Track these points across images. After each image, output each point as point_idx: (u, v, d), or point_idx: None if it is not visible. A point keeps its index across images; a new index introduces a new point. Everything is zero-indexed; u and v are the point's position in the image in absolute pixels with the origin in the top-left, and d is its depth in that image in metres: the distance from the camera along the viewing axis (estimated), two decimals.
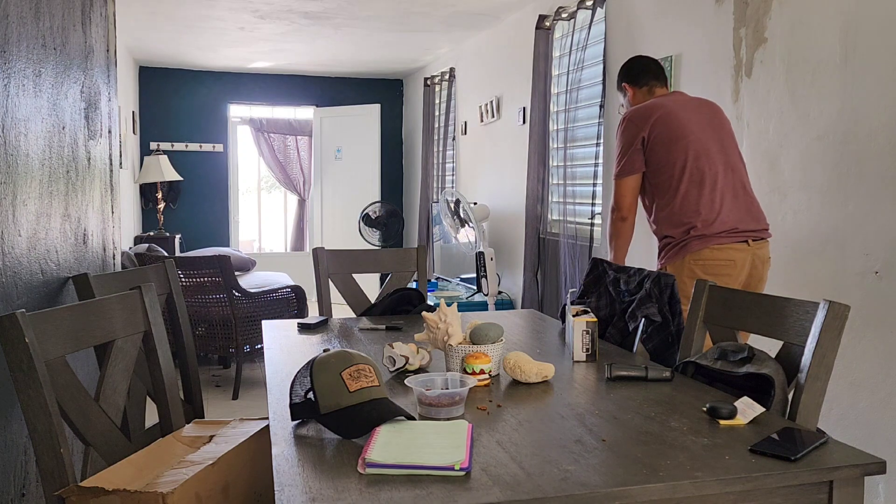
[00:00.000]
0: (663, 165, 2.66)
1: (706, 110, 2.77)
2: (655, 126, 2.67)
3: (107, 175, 2.97)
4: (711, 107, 2.81)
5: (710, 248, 2.54)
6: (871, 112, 2.44)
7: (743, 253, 2.55)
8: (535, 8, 4.83)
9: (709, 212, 2.56)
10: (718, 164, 2.62)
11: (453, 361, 1.85)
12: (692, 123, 2.67)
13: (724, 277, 2.51)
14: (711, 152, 2.63)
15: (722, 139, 2.70)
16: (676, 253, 2.61)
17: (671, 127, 2.66)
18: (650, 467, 1.25)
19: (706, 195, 2.58)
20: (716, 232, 2.55)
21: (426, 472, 1.22)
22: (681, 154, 2.63)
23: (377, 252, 3.25)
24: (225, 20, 5.49)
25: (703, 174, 2.60)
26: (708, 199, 2.58)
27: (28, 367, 1.48)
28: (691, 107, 2.75)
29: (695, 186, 2.60)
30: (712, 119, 2.74)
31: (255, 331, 4.60)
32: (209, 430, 1.84)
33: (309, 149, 8.39)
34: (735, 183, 2.63)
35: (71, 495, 1.47)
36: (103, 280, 2.28)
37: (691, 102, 2.78)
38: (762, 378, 1.68)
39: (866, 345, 2.45)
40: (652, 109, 2.71)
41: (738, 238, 2.56)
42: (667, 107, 2.71)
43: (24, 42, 1.94)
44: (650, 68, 2.93)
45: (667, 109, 2.70)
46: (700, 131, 2.66)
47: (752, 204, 2.65)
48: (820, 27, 2.64)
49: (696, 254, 2.55)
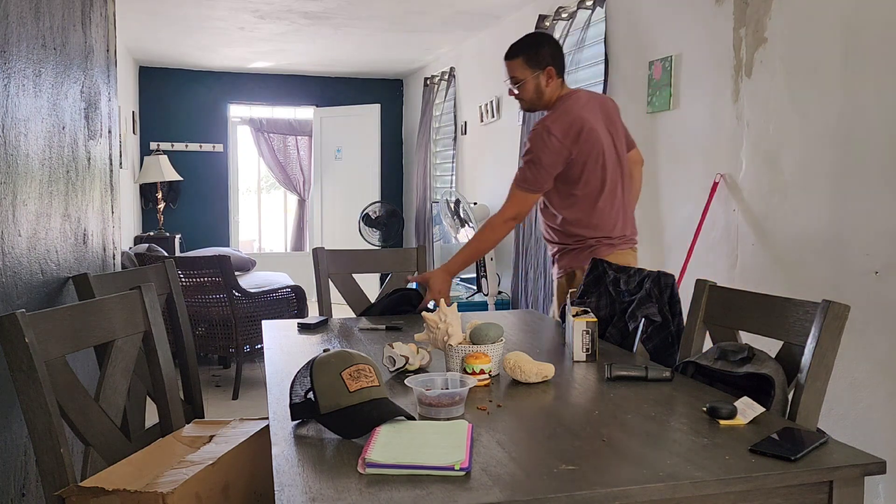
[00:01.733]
0: (582, 180, 2.66)
1: (605, 113, 2.76)
2: (583, 145, 2.62)
3: (107, 175, 2.97)
4: (608, 106, 2.80)
5: (615, 253, 2.68)
6: (871, 112, 2.44)
7: (631, 257, 2.76)
8: (535, 8, 4.83)
9: (616, 221, 2.71)
10: (620, 176, 2.73)
11: (453, 361, 1.85)
12: (603, 136, 2.68)
13: None
14: (616, 164, 2.72)
15: (619, 144, 2.76)
16: (588, 255, 2.66)
17: (592, 144, 2.64)
18: (650, 467, 1.25)
19: (617, 206, 2.71)
20: (619, 238, 2.72)
21: (426, 472, 1.22)
22: (600, 171, 2.66)
23: (377, 252, 3.25)
24: (225, 20, 5.49)
25: (614, 187, 2.70)
26: (618, 209, 2.72)
27: (28, 367, 1.48)
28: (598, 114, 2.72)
29: (608, 200, 2.69)
30: (610, 124, 2.75)
31: (255, 331, 4.60)
32: (209, 430, 1.84)
33: (309, 149, 8.39)
34: (627, 193, 2.78)
35: (71, 495, 1.47)
36: (103, 280, 2.29)
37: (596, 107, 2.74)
38: (762, 378, 1.68)
39: (866, 345, 2.45)
40: (578, 124, 2.62)
41: (631, 244, 2.77)
42: (587, 121, 2.64)
43: (24, 42, 1.94)
44: (561, 56, 2.77)
45: (588, 124, 2.64)
46: (609, 144, 2.70)
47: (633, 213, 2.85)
48: (820, 27, 2.64)
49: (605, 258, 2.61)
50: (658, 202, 3.61)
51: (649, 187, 3.67)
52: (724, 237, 3.14)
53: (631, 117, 3.81)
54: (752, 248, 2.98)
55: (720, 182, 3.15)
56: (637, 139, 3.76)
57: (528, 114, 4.49)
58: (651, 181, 3.66)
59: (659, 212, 3.61)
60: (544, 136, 2.61)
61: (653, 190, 3.65)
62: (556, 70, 2.72)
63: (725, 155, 3.13)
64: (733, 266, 3.09)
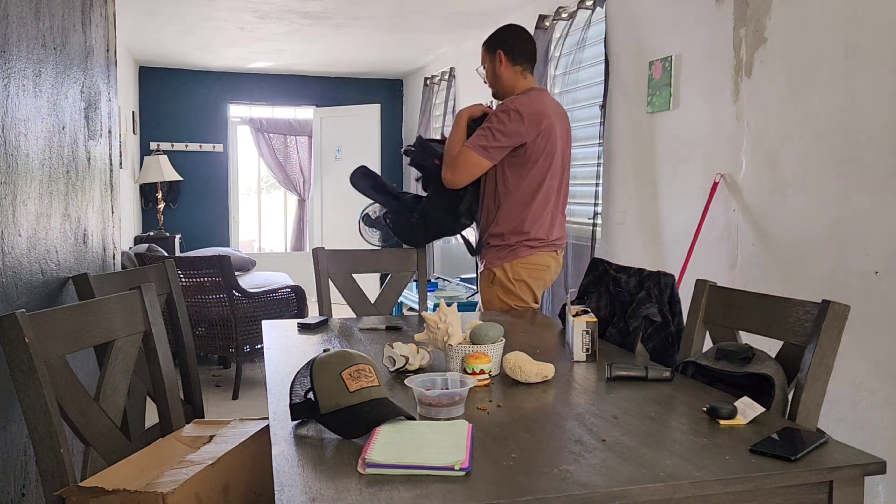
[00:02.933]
0: (525, 175, 2.77)
1: (563, 125, 2.88)
2: (540, 137, 2.72)
3: (107, 175, 2.97)
4: (566, 120, 2.93)
5: (536, 254, 2.83)
6: (871, 112, 2.44)
7: (555, 260, 2.91)
8: (535, 8, 4.83)
9: (543, 226, 2.83)
10: (560, 185, 2.88)
11: (453, 361, 1.85)
12: (558, 142, 2.80)
13: (540, 280, 2.87)
14: (559, 172, 2.85)
15: (567, 156, 2.91)
16: (508, 254, 2.83)
17: (548, 142, 2.75)
18: (650, 467, 1.25)
19: (547, 212, 2.84)
20: (542, 242, 2.84)
21: (426, 472, 1.22)
22: (544, 174, 2.79)
23: (377, 252, 3.25)
24: (225, 20, 5.49)
25: (549, 194, 2.84)
26: (548, 216, 2.84)
27: (28, 367, 1.48)
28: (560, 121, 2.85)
29: (541, 204, 2.82)
30: (565, 133, 2.88)
31: (255, 331, 4.60)
32: (209, 430, 1.84)
33: (309, 149, 8.39)
34: (562, 201, 2.92)
35: (71, 495, 1.47)
36: (103, 280, 2.29)
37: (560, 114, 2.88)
38: (762, 378, 1.68)
39: (866, 345, 2.45)
40: (542, 116, 2.73)
41: (553, 247, 2.90)
42: (551, 119, 2.76)
43: (24, 42, 1.94)
44: (529, 49, 2.85)
45: (550, 122, 2.75)
46: (560, 152, 2.83)
47: (564, 218, 2.96)
48: (820, 27, 2.64)
49: (526, 258, 2.82)
50: (658, 202, 3.61)
51: (649, 187, 3.68)
52: (724, 237, 3.14)
53: (631, 117, 3.81)
54: (752, 248, 2.98)
55: (720, 182, 3.15)
56: (637, 139, 3.77)
57: None
58: (651, 181, 3.66)
59: (659, 212, 3.61)
60: (510, 113, 2.70)
61: (653, 190, 3.65)
62: (508, 56, 2.80)
63: (725, 155, 3.13)
64: (733, 266, 3.09)
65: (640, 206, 3.77)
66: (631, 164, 3.84)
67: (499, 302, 2.89)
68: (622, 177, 3.93)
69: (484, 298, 2.96)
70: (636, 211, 3.80)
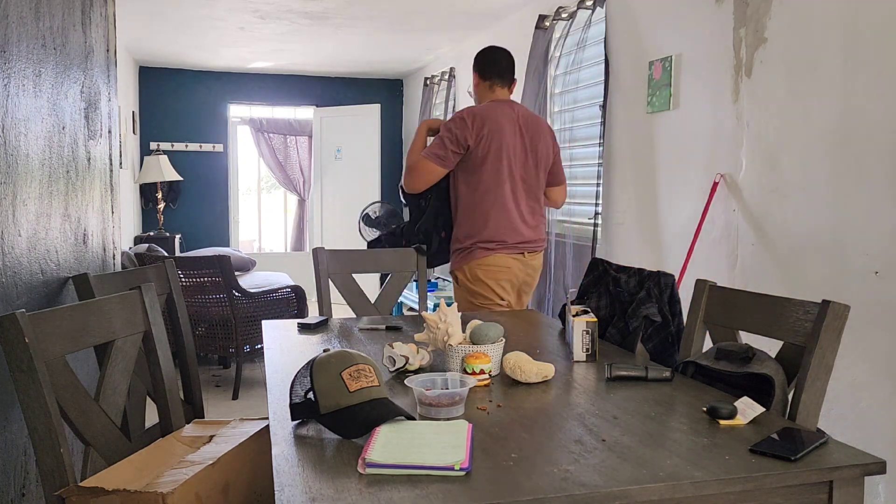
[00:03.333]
0: (474, 179, 2.97)
1: (530, 132, 3.03)
2: (482, 141, 2.93)
3: (107, 175, 2.97)
4: (537, 127, 3.07)
5: (493, 256, 2.98)
6: (871, 112, 2.44)
7: (517, 262, 3.02)
8: (535, 8, 4.83)
9: (499, 228, 2.97)
10: (520, 190, 3.01)
11: (453, 361, 1.85)
12: (510, 148, 2.96)
13: (501, 280, 3.00)
14: (516, 177, 3.00)
15: (534, 163, 3.05)
16: (465, 256, 3.03)
17: (493, 147, 2.93)
18: (650, 467, 1.25)
19: (502, 217, 2.97)
20: (500, 244, 2.98)
21: (426, 472, 1.22)
22: (492, 177, 2.95)
23: (377, 252, 3.25)
24: (225, 20, 5.49)
25: (504, 198, 2.97)
26: (506, 218, 2.97)
27: (28, 367, 1.48)
28: (517, 127, 3.00)
29: (493, 207, 2.97)
30: (532, 141, 3.03)
31: (255, 331, 4.60)
32: (209, 430, 1.84)
33: (309, 149, 8.39)
34: (527, 206, 3.04)
35: (71, 495, 1.47)
36: (103, 280, 2.29)
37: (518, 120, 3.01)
38: (762, 378, 1.68)
39: (866, 345, 2.45)
40: (484, 119, 2.94)
41: (517, 250, 3.02)
42: (496, 122, 2.95)
43: (24, 42, 1.94)
44: (498, 65, 3.09)
45: (497, 126, 2.94)
46: (514, 157, 2.98)
47: (537, 223, 3.08)
48: (820, 27, 2.64)
49: (482, 259, 2.99)
50: (658, 202, 3.61)
51: (649, 187, 3.68)
52: (724, 237, 3.14)
53: (631, 117, 3.81)
54: (752, 248, 2.98)
55: (720, 182, 3.15)
56: (637, 139, 3.77)
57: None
58: (651, 181, 3.66)
59: (659, 212, 3.61)
60: (456, 119, 2.97)
61: (653, 190, 3.65)
62: (478, 73, 3.12)
63: (725, 155, 3.13)
64: (733, 266, 3.09)
65: (640, 206, 3.77)
66: (631, 165, 3.84)
67: (466, 303, 3.06)
68: (622, 177, 3.93)
69: (455, 300, 3.15)
70: (636, 211, 3.80)
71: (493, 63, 3.09)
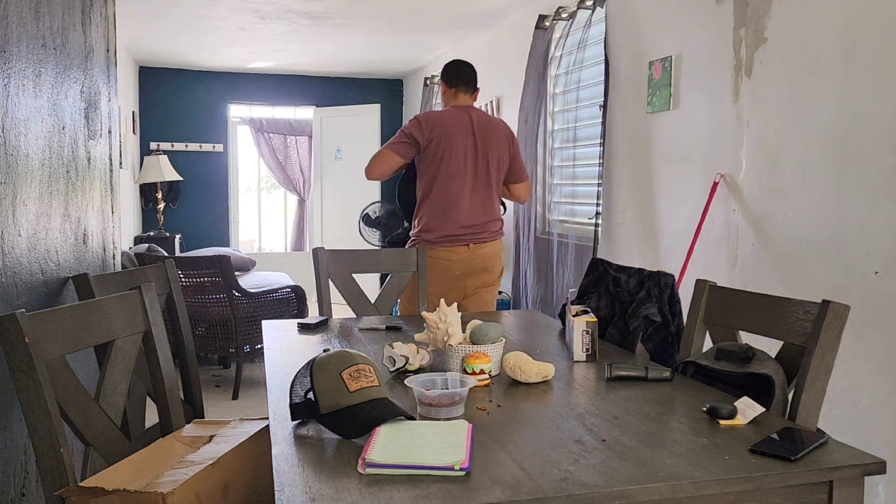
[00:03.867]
0: (426, 178, 3.32)
1: (482, 135, 3.33)
2: (431, 142, 3.27)
3: (107, 175, 2.97)
4: (490, 131, 3.35)
5: (435, 249, 3.30)
6: (871, 112, 2.44)
7: (459, 255, 3.31)
8: (535, 8, 4.83)
9: (441, 219, 3.28)
10: (466, 188, 3.29)
11: (453, 361, 1.85)
12: (459, 149, 3.27)
13: (443, 270, 3.32)
14: (464, 177, 3.28)
15: (485, 164, 3.33)
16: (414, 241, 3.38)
17: (441, 148, 3.27)
18: (650, 467, 1.25)
19: (450, 207, 3.27)
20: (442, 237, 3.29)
21: (426, 472, 1.22)
22: (441, 176, 3.28)
23: (377, 252, 3.25)
24: (225, 20, 5.49)
25: (449, 196, 3.28)
26: (451, 210, 3.27)
27: (28, 367, 1.48)
28: (469, 127, 3.31)
29: (439, 202, 3.28)
30: (484, 144, 3.32)
31: (255, 331, 4.60)
32: (209, 430, 1.84)
33: (309, 149, 8.39)
34: (476, 203, 3.32)
35: (71, 495, 1.47)
36: (103, 280, 2.28)
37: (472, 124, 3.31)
38: (762, 378, 1.68)
39: (866, 345, 2.45)
40: (437, 125, 3.29)
41: (461, 242, 3.30)
42: (449, 127, 3.28)
43: (24, 42, 1.94)
44: (461, 75, 3.43)
45: (447, 130, 3.28)
46: (462, 158, 3.28)
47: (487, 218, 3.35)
48: (820, 27, 2.64)
49: (431, 247, 3.29)
50: (658, 202, 3.61)
51: (649, 187, 3.68)
52: (724, 237, 3.14)
53: (631, 117, 3.81)
54: (752, 248, 2.98)
55: (720, 182, 3.15)
56: (637, 139, 3.77)
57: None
58: (651, 181, 3.66)
59: (659, 212, 3.61)
60: (413, 120, 3.34)
61: (653, 190, 3.65)
62: (444, 82, 3.46)
63: (725, 155, 3.13)
64: (733, 266, 3.09)
65: (639, 206, 3.77)
66: (631, 165, 3.84)
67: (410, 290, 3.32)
68: (622, 177, 3.93)
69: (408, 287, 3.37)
70: (636, 211, 3.80)
71: (458, 72, 3.43)
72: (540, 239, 4.80)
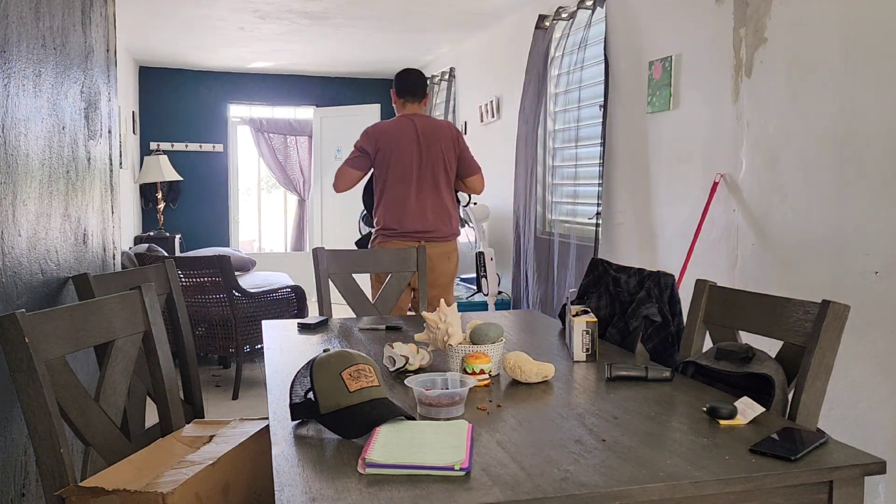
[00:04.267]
0: (380, 182, 3.64)
1: (427, 139, 3.60)
2: (378, 151, 3.60)
3: (107, 175, 2.97)
4: (434, 134, 3.62)
5: (391, 242, 3.59)
6: (871, 112, 2.44)
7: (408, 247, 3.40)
8: (535, 8, 4.83)
9: (395, 218, 3.59)
10: (412, 192, 3.57)
11: (453, 361, 1.85)
12: (405, 156, 3.57)
13: None
14: (410, 181, 3.57)
15: (431, 162, 3.59)
16: (373, 242, 3.72)
17: (388, 154, 3.58)
18: (650, 467, 1.25)
19: (400, 207, 3.58)
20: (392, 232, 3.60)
21: (426, 472, 1.22)
22: (391, 179, 3.59)
23: (377, 252, 3.25)
24: (225, 20, 5.49)
25: (398, 195, 3.58)
26: (401, 209, 3.58)
27: (28, 367, 1.48)
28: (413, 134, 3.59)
29: (394, 200, 3.59)
30: (428, 147, 3.59)
31: (255, 331, 4.60)
32: (209, 430, 1.84)
33: (309, 149, 8.39)
34: (425, 202, 3.59)
35: (71, 495, 1.47)
36: (103, 280, 2.28)
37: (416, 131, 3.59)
38: (762, 378, 1.68)
39: (866, 345, 2.45)
40: (382, 135, 3.61)
41: (413, 238, 3.57)
42: (394, 136, 3.59)
43: (24, 42, 1.94)
44: (408, 85, 3.72)
45: (392, 138, 3.58)
46: (408, 164, 3.57)
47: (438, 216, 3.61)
48: (820, 27, 2.64)
49: (380, 244, 3.63)
50: (658, 202, 3.61)
51: (649, 187, 3.68)
52: (724, 237, 3.14)
53: (631, 117, 3.81)
54: (752, 248, 2.98)
55: (720, 182, 3.15)
56: (637, 139, 3.77)
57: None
58: (651, 181, 3.66)
59: (659, 212, 3.61)
60: (362, 134, 3.66)
61: (653, 190, 3.65)
62: (396, 93, 3.74)
63: (725, 155, 3.13)
64: (733, 266, 3.09)
65: (640, 206, 3.77)
66: (631, 165, 3.84)
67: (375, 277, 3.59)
68: (622, 177, 3.93)
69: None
70: (636, 211, 3.80)
71: (404, 83, 3.72)
72: (540, 239, 4.80)
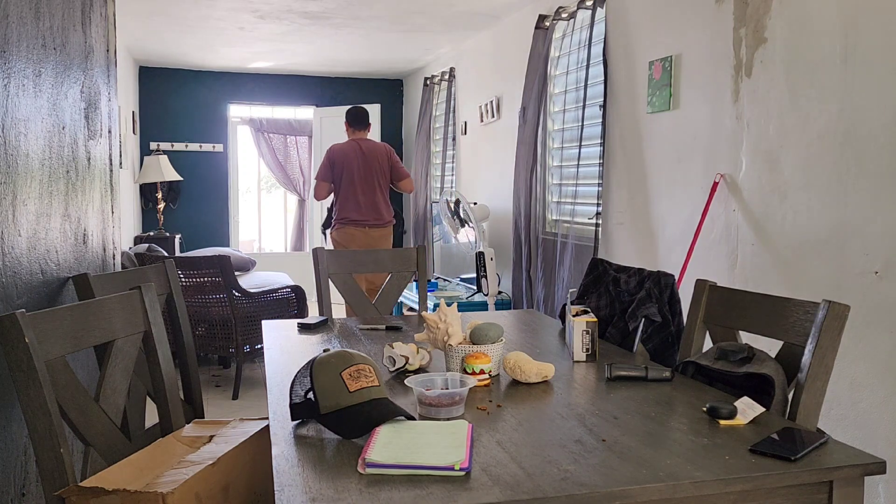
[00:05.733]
0: (337, 187, 5.13)
1: (367, 157, 5.13)
2: (335, 165, 5.12)
3: (107, 175, 2.97)
4: (373, 153, 5.16)
5: (345, 227, 5.10)
6: (871, 112, 2.44)
7: (360, 232, 5.10)
8: (535, 8, 4.83)
9: (346, 211, 5.09)
10: (359, 188, 5.08)
11: (453, 361, 1.85)
12: (353, 168, 5.08)
13: (351, 240, 5.08)
14: (357, 184, 5.09)
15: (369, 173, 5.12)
16: (334, 227, 5.17)
17: (342, 167, 5.10)
18: (650, 467, 1.25)
19: (350, 203, 5.09)
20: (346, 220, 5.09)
21: (426, 472, 1.22)
22: (345, 185, 5.09)
23: (377, 252, 3.25)
24: (225, 20, 5.49)
25: (350, 196, 5.09)
26: (351, 205, 5.08)
27: (28, 367, 1.48)
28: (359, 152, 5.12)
29: (346, 198, 5.10)
30: (368, 162, 5.12)
31: (255, 331, 4.60)
32: (209, 430, 1.84)
33: (309, 149, 8.39)
34: (367, 200, 5.10)
35: (71, 495, 1.47)
36: (103, 280, 2.28)
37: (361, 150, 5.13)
38: (762, 378, 1.68)
39: (866, 345, 2.45)
40: (337, 154, 5.14)
41: (360, 225, 5.09)
42: (345, 155, 5.12)
43: (24, 42, 1.94)
44: (356, 119, 5.26)
45: (344, 157, 5.12)
46: (356, 169, 5.09)
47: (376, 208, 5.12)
48: (820, 27, 2.64)
49: (339, 229, 5.13)
50: (658, 202, 3.61)
51: (649, 187, 3.68)
52: (724, 237, 3.15)
53: (631, 117, 3.81)
54: (752, 248, 2.98)
55: (720, 182, 3.15)
56: (637, 139, 3.77)
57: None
58: (651, 181, 3.66)
59: (659, 212, 3.61)
60: (325, 155, 5.20)
61: (653, 190, 3.65)
62: (348, 124, 5.28)
63: (725, 155, 3.13)
64: (733, 266, 3.09)
65: (639, 206, 3.77)
66: (631, 165, 3.84)
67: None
68: (622, 177, 3.93)
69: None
70: (636, 211, 3.80)
71: (354, 118, 5.25)
72: (540, 239, 4.80)
